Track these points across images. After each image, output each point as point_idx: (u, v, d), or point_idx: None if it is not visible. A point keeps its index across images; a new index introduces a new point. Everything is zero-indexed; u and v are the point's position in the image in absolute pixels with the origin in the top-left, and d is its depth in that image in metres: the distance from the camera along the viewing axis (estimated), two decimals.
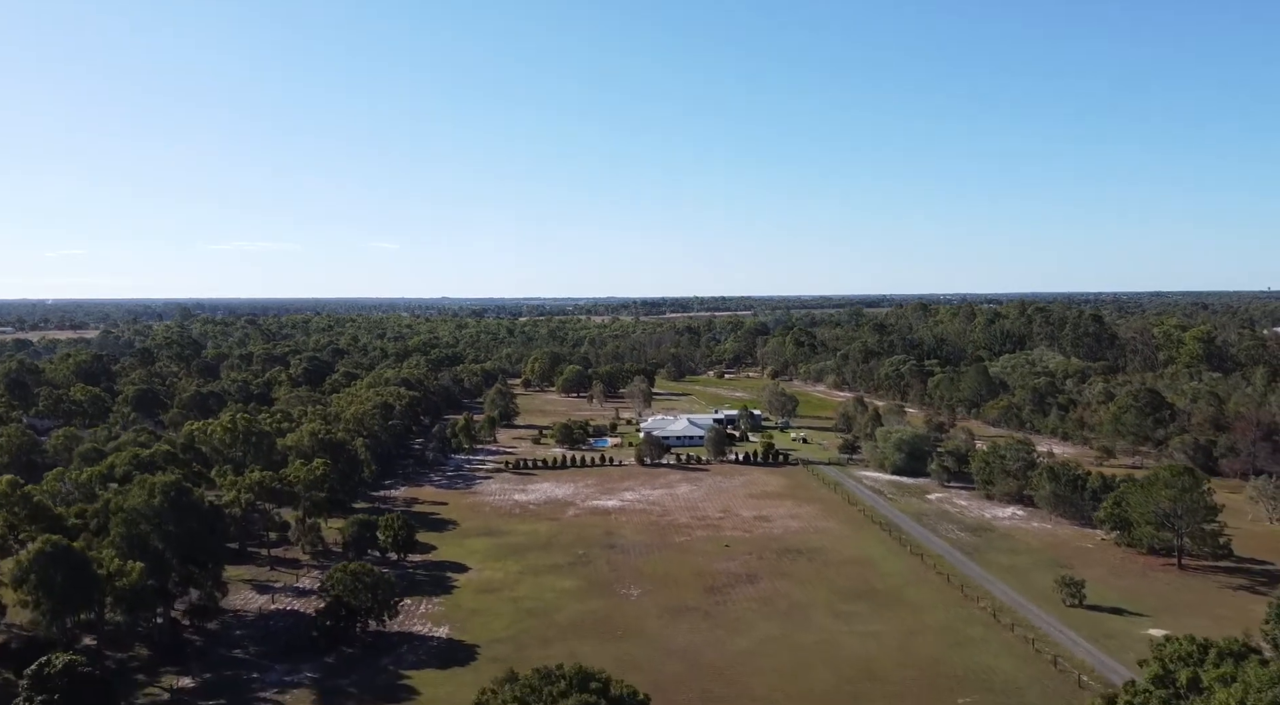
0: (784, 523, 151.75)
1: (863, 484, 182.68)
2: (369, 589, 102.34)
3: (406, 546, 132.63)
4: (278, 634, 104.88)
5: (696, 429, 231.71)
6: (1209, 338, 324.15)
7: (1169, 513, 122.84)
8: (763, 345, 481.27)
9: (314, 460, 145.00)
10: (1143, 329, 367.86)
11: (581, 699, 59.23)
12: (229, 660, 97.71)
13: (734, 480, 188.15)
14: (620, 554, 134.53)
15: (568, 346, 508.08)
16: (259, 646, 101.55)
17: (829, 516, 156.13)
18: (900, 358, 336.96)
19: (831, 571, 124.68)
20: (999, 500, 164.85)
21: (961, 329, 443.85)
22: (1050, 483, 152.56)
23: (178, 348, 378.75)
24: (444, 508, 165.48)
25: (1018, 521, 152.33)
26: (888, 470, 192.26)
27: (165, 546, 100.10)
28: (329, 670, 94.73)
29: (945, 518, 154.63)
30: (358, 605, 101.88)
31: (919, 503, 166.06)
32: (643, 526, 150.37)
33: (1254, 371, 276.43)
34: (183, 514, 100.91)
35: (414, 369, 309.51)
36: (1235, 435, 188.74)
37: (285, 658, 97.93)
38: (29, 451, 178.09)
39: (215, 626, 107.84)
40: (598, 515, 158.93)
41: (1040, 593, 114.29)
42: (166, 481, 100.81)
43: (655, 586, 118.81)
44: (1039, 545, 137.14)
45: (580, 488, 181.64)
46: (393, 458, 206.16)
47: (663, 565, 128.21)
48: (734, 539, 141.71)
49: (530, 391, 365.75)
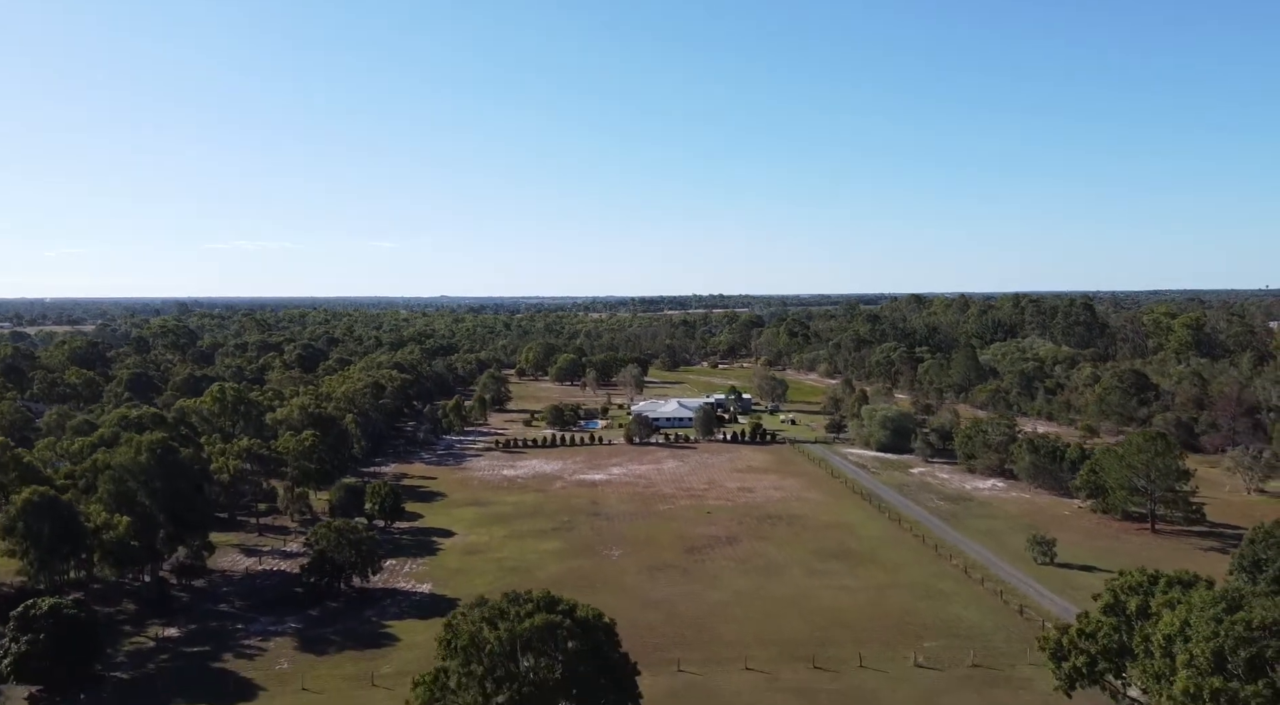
0: (766, 493, 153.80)
1: (847, 460, 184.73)
2: (353, 545, 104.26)
3: (393, 513, 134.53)
4: (264, 591, 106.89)
5: (686, 411, 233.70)
6: (1198, 325, 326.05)
7: (1142, 477, 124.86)
8: (757, 337, 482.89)
9: (303, 432, 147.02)
10: (1133, 317, 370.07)
11: (547, 618, 61.18)
12: (215, 613, 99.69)
13: (720, 457, 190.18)
14: (604, 521, 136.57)
15: (563, 339, 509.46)
16: (244, 601, 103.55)
17: (811, 488, 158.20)
18: (891, 345, 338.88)
19: (809, 535, 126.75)
20: (980, 473, 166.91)
21: (955, 320, 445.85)
22: (1030, 454, 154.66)
23: (173, 337, 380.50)
24: (433, 481, 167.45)
25: (997, 492, 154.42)
26: (873, 447, 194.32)
27: (152, 503, 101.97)
28: (312, 621, 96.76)
29: (926, 489, 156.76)
30: (342, 560, 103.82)
31: (901, 475, 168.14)
32: (627, 497, 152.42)
33: (1241, 357, 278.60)
34: (170, 472, 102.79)
35: (408, 356, 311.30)
36: (1216, 412, 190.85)
37: (270, 611, 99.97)
38: (23, 428, 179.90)
39: (202, 584, 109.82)
40: (584, 487, 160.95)
41: (1013, 553, 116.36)
42: (154, 439, 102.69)
43: (636, 548, 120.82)
44: (1016, 512, 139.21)
45: (568, 464, 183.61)
46: (384, 437, 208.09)
47: (645, 530, 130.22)
48: (716, 508, 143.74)
49: (524, 381, 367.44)
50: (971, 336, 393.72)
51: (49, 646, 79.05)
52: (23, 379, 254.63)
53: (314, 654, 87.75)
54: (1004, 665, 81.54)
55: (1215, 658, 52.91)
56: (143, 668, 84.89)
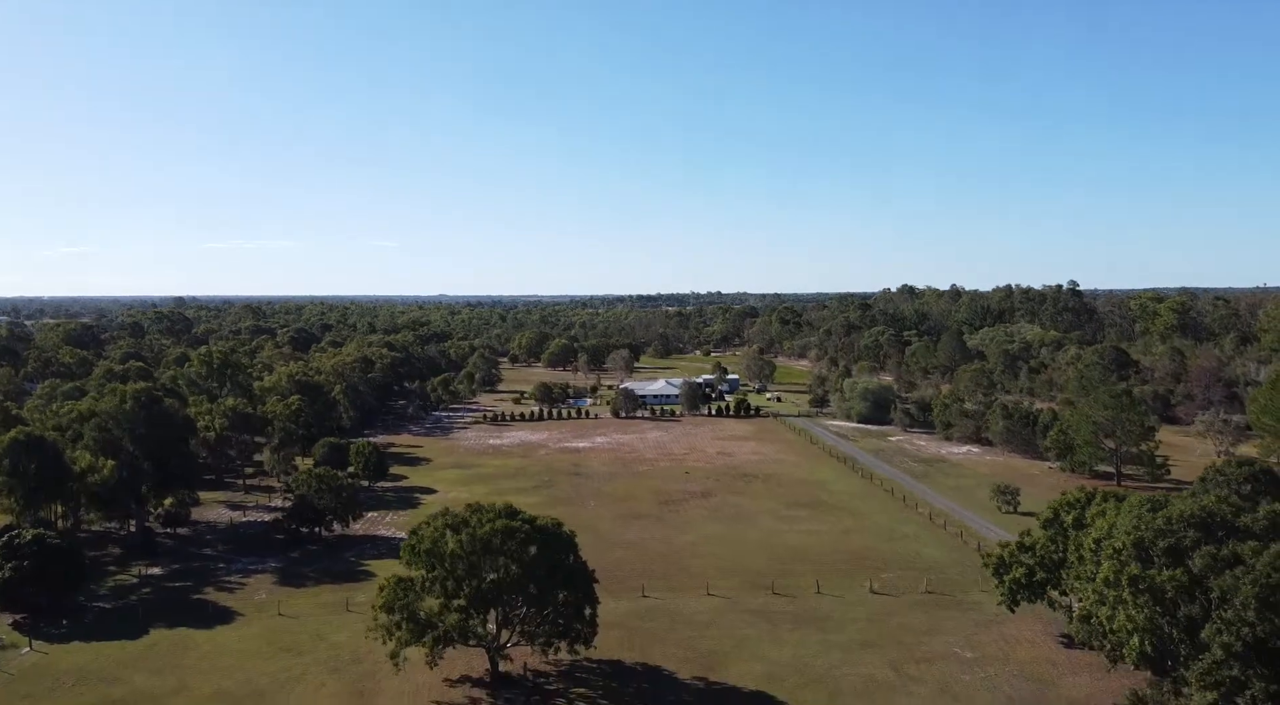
0: (745, 457, 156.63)
1: (828, 430, 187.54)
2: (333, 492, 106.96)
3: (378, 472, 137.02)
4: (246, 538, 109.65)
5: (672, 388, 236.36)
6: (1183, 309, 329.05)
7: (1108, 434, 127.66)
8: (750, 327, 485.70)
9: (290, 397, 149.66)
10: (1120, 303, 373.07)
11: (507, 523, 64.03)
12: (198, 556, 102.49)
13: (703, 428, 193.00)
14: (584, 479, 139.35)
15: (558, 330, 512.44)
16: (227, 546, 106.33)
17: (789, 452, 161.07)
18: (879, 329, 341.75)
19: (782, 489, 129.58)
20: (957, 441, 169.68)
21: (946, 309, 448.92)
22: (1004, 419, 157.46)
23: (168, 322, 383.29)
24: (418, 449, 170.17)
25: (972, 456, 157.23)
26: (853, 419, 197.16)
27: (137, 450, 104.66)
28: (292, 562, 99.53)
29: (901, 453, 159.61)
30: (322, 506, 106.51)
31: (879, 442, 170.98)
32: (609, 461, 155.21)
33: (1225, 339, 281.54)
34: (154, 420, 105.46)
35: (401, 338, 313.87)
36: (1192, 384, 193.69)
37: (251, 553, 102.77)
38: (16, 398, 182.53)
39: (187, 533, 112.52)
40: (567, 453, 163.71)
41: (979, 504, 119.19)
42: (138, 388, 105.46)
43: (614, 502, 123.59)
44: (987, 472, 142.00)
45: (553, 434, 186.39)
46: (373, 412, 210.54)
47: (623, 487, 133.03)
48: (694, 468, 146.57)
49: (517, 367, 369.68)
50: (962, 324, 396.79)
51: (32, 573, 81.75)
52: (17, 359, 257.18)
53: (292, 587, 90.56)
54: (956, 591, 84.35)
55: (1136, 548, 55.71)
56: (125, 599, 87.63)
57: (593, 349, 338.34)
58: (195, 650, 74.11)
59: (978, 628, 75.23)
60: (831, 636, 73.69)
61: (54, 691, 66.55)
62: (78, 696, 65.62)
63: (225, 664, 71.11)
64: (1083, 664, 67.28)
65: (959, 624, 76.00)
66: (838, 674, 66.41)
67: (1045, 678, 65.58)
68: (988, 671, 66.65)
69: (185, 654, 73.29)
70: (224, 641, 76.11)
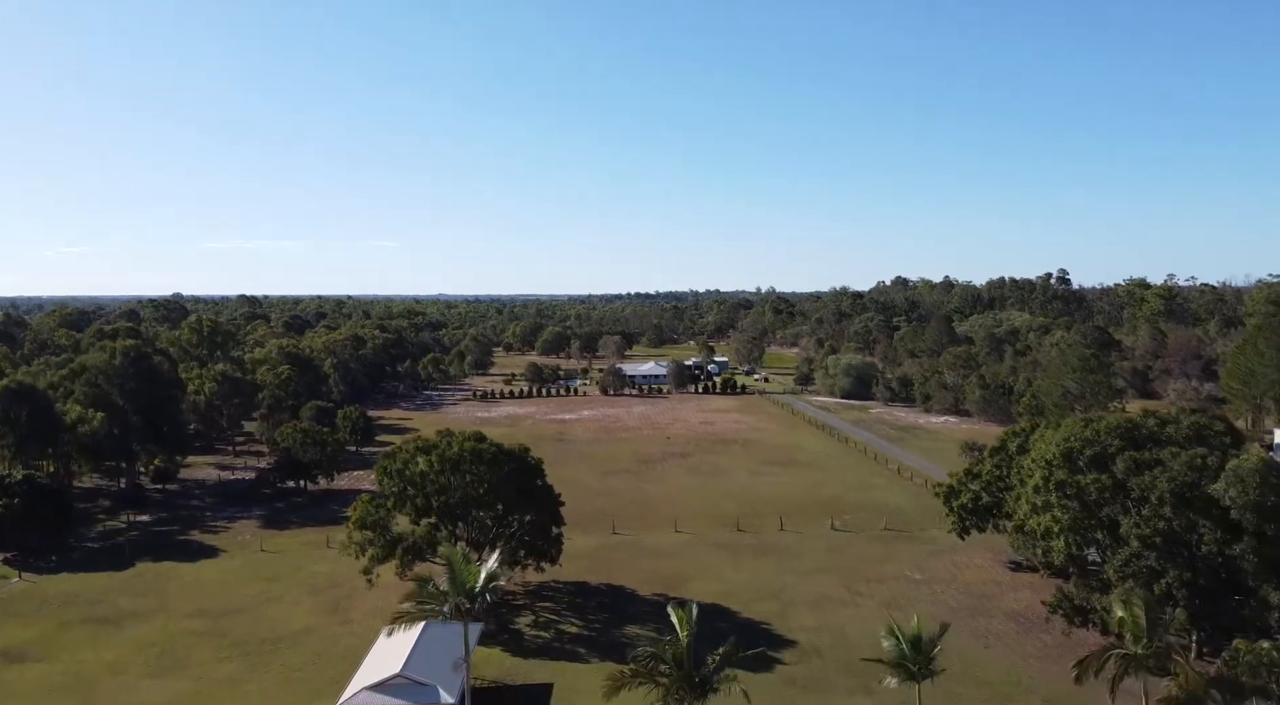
0: (726, 425, 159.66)
1: (810, 404, 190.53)
2: (317, 445, 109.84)
3: (365, 436, 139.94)
4: (233, 491, 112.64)
5: (661, 369, 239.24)
6: (1170, 295, 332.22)
7: (1076, 395, 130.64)
8: (744, 318, 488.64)
9: (280, 367, 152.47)
10: (1108, 290, 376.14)
11: (475, 445, 67.11)
12: (185, 506, 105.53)
13: (689, 403, 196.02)
14: (567, 444, 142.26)
15: (553, 322, 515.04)
16: (214, 498, 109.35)
17: (770, 422, 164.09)
18: (869, 316, 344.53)
19: (760, 451, 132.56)
20: (936, 412, 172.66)
21: (939, 300, 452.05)
22: (980, 389, 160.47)
23: (164, 311, 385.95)
24: (408, 421, 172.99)
25: (949, 425, 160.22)
26: (837, 395, 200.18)
27: (126, 404, 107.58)
28: (277, 510, 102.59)
29: (880, 422, 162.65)
30: (306, 460, 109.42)
31: (859, 414, 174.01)
32: (594, 430, 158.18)
33: (1210, 322, 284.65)
34: (142, 375, 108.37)
35: (395, 324, 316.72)
36: (1170, 360, 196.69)
37: (237, 503, 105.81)
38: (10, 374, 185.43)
39: (176, 488, 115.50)
40: (553, 424, 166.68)
41: (948, 460, 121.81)
42: (127, 344, 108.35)
43: (595, 461, 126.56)
44: (961, 437, 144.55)
45: (541, 408, 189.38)
46: (364, 390, 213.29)
47: (605, 450, 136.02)
48: (676, 435, 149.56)
49: (511, 354, 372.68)
50: (952, 312, 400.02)
51: (22, 512, 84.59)
52: (13, 342, 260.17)
53: (275, 529, 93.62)
54: (913, 529, 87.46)
55: (1065, 457, 58.72)
56: (112, 540, 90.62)
57: (585, 336, 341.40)
58: (178, 579, 77.12)
59: (930, 556, 78.27)
60: (789, 563, 76.74)
61: (40, 610, 69.54)
62: (63, 614, 68.60)
63: (207, 589, 74.14)
64: (1025, 583, 70.33)
65: (912, 553, 79.04)
66: (791, 591, 69.46)
67: (988, 593, 68.64)
68: (934, 589, 69.70)
69: (169, 582, 76.29)
70: (206, 572, 79.13)
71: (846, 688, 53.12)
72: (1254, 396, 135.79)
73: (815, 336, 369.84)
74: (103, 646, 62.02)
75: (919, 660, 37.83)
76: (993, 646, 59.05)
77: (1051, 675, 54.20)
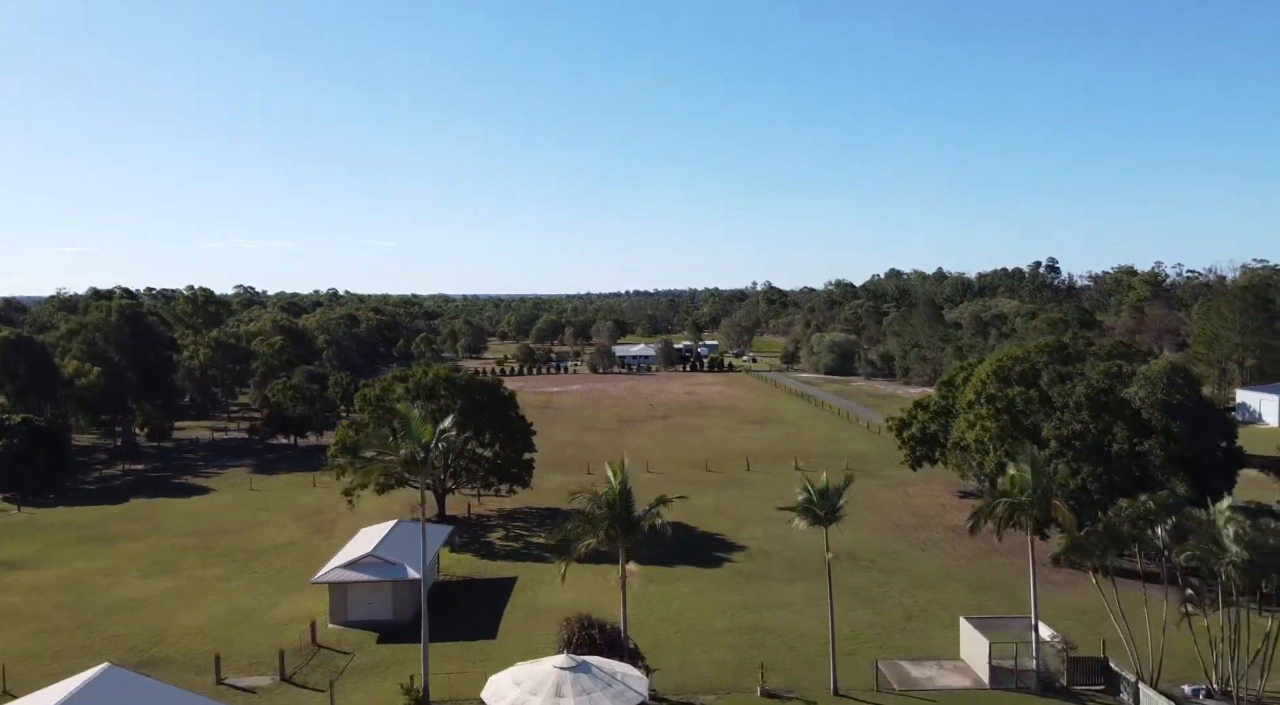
0: (709, 395, 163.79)
1: (794, 379, 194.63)
2: (306, 401, 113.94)
3: (353, 401, 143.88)
4: (225, 448, 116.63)
5: (651, 350, 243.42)
6: (1156, 281, 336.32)
7: None
8: (738, 308, 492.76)
9: (273, 337, 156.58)
10: (1096, 277, 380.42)
11: (449, 371, 71.08)
12: (179, 458, 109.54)
13: (676, 379, 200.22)
14: (554, 411, 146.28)
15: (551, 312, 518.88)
16: (207, 452, 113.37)
17: (752, 392, 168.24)
18: (859, 302, 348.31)
19: (738, 414, 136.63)
20: (915, 384, 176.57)
21: (931, 290, 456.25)
22: (957, 359, 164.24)
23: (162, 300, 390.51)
24: None
25: (926, 394, 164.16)
26: (820, 371, 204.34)
27: (122, 360, 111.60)
28: (266, 461, 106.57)
29: (860, 392, 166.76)
30: (296, 416, 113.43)
31: (840, 386, 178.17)
32: (580, 400, 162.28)
33: (1194, 305, 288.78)
34: (138, 332, 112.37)
35: (391, 310, 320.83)
36: (1145, 336, 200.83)
37: (228, 455, 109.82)
38: None
39: (170, 445, 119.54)
40: (541, 395, 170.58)
41: None
42: (123, 304, 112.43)
43: (577, 422, 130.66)
44: None
45: (530, 383, 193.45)
46: (357, 367, 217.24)
47: (589, 414, 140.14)
48: (659, 402, 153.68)
49: (505, 342, 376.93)
50: (944, 301, 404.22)
51: (21, 453, 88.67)
52: (14, 322, 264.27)
53: (265, 474, 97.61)
54: (873, 469, 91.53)
55: (996, 375, 62.81)
56: (109, 483, 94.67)
57: (579, 323, 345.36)
58: (171, 510, 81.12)
59: (885, 488, 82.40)
60: (750, 493, 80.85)
61: (37, 534, 73.51)
62: (59, 535, 72.59)
63: (198, 516, 78.16)
64: (970, 506, 74.14)
65: (869, 486, 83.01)
66: (747, 511, 73.61)
67: (933, 514, 72.72)
68: (883, 511, 73.77)
69: (162, 512, 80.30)
70: (198, 505, 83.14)
71: (787, 577, 57.23)
72: (1218, 360, 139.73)
73: (807, 324, 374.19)
74: (96, 558, 65.99)
75: (824, 506, 41.92)
76: (929, 550, 63.12)
77: (979, 568, 58.30)
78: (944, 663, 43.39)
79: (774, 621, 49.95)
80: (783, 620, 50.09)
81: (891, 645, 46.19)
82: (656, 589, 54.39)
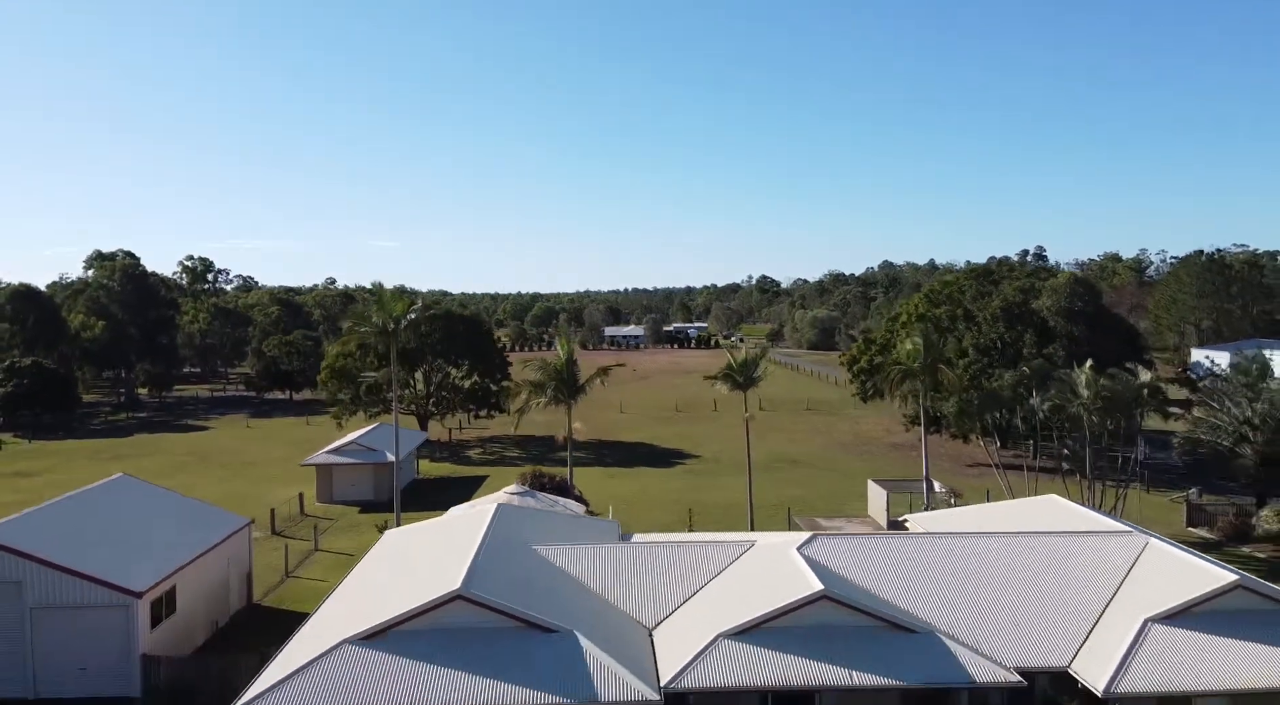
0: (691, 363, 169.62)
1: (778, 353, 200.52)
2: (300, 356, 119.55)
3: None
4: (223, 402, 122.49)
5: (640, 330, 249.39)
6: (1140, 267, 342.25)
7: None
8: (732, 299, 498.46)
9: (271, 308, 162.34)
10: (1083, 264, 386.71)
11: (433, 303, 76.81)
12: (182, 410, 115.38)
13: (662, 353, 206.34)
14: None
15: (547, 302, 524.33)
16: (206, 405, 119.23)
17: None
18: (848, 288, 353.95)
19: None
20: None
21: (922, 281, 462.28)
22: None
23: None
24: None
25: None
26: (804, 347, 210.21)
27: (125, 316, 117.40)
28: (262, 409, 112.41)
29: (836, 363, 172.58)
30: (290, 370, 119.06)
31: (820, 357, 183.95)
32: None
33: None
34: (141, 292, 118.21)
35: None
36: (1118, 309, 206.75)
37: (226, 406, 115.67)
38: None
39: (171, 399, 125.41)
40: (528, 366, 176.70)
41: None
42: (126, 263, 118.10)
43: None
44: None
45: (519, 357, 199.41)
46: None
47: None
48: (643, 369, 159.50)
49: (500, 329, 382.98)
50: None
51: (30, 392, 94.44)
52: None
53: (262, 418, 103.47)
54: (833, 410, 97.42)
55: (927, 297, 68.76)
56: (114, 425, 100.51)
57: (574, 311, 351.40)
58: (173, 440, 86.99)
59: (839, 422, 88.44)
60: (710, 425, 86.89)
61: (50, 456, 79.40)
62: (71, 456, 78.47)
63: (199, 444, 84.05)
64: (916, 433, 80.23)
65: (824, 420, 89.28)
66: (705, 436, 79.79)
67: (877, 437, 78.72)
68: (833, 435, 79.83)
69: (163, 442, 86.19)
70: (198, 437, 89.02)
71: (730, 474, 63.27)
72: (1176, 323, 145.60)
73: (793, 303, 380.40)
74: (102, 470, 71.36)
75: (743, 372, 47.95)
76: (864, 457, 69.18)
77: (905, 467, 64.21)
78: (852, 519, 49.32)
79: (711, 497, 56.02)
80: (718, 496, 56.16)
81: (812, 510, 52.09)
82: (616, 482, 60.56)
